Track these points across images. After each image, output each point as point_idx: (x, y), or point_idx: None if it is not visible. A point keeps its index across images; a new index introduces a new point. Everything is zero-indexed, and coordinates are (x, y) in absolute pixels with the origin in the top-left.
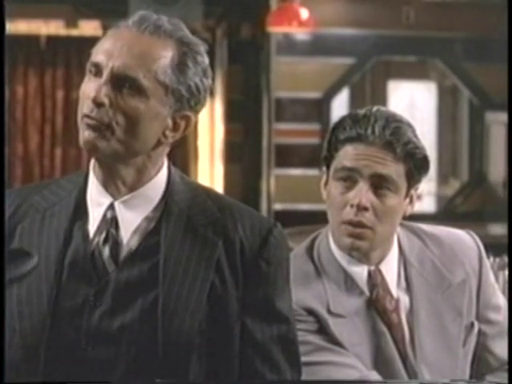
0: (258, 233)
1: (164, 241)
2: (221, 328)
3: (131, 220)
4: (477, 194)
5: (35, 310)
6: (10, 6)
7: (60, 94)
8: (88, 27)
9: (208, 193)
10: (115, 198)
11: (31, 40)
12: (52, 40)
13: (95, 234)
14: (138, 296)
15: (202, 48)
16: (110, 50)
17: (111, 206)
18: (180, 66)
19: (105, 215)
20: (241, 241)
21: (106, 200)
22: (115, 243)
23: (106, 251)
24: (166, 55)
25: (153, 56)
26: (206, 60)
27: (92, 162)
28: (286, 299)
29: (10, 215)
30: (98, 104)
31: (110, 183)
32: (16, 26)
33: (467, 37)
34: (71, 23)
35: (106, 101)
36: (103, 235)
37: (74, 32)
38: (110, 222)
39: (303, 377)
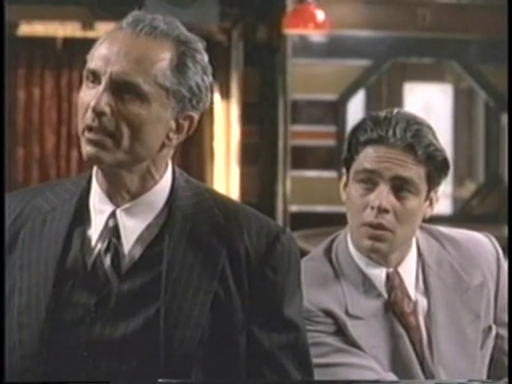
0: (264, 240)
1: (167, 250)
2: (224, 339)
3: (133, 228)
4: (493, 195)
5: (33, 320)
6: (27, 8)
7: (76, 96)
8: (104, 29)
9: (215, 198)
10: (118, 206)
11: (48, 42)
12: (68, 42)
13: (97, 243)
14: (141, 307)
15: (200, 45)
16: (106, 55)
17: (113, 214)
18: (179, 67)
19: (106, 223)
20: (246, 249)
21: (108, 208)
22: (117, 253)
23: (108, 261)
24: (165, 57)
25: (151, 59)
26: (206, 57)
27: (95, 168)
28: (296, 306)
29: (14, 218)
30: (98, 113)
31: (113, 191)
32: (33, 28)
33: (483, 38)
34: (87, 25)
35: (107, 109)
36: (105, 244)
37: (91, 34)
38: (112, 231)
39: (320, 378)
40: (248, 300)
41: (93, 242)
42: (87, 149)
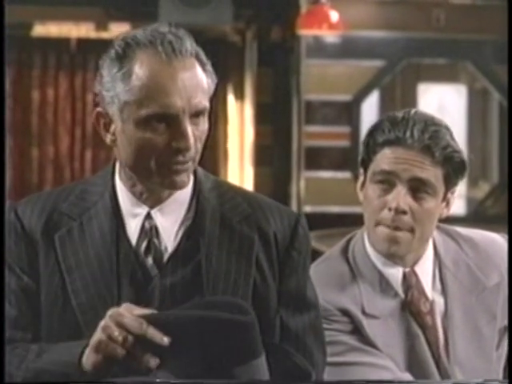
0: (287, 224)
1: (202, 241)
2: (264, 323)
3: (169, 226)
4: (507, 196)
5: (101, 317)
6: (41, 8)
7: (90, 97)
8: (118, 30)
9: (234, 189)
10: (151, 207)
11: (62, 43)
12: (82, 43)
13: (137, 244)
14: (184, 298)
15: None
16: (165, 91)
17: (148, 216)
18: (208, 73)
19: (143, 225)
20: (274, 234)
21: (142, 210)
22: (157, 251)
23: (150, 260)
24: (202, 73)
25: (201, 80)
26: None
27: (118, 167)
28: (312, 285)
29: (42, 225)
30: (188, 146)
31: (148, 194)
32: (47, 29)
33: (497, 39)
34: (101, 26)
35: (191, 138)
36: (144, 245)
37: (105, 35)
38: (150, 232)
39: (336, 377)
40: (278, 283)
41: (133, 244)
42: (178, 178)
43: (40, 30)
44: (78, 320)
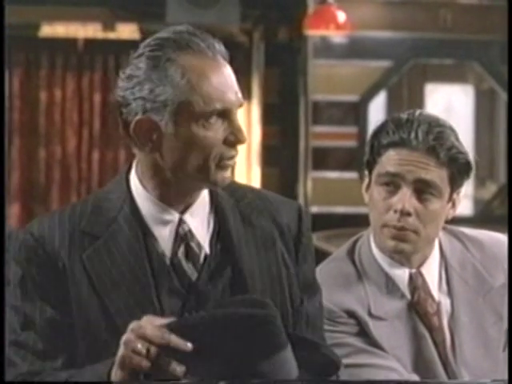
0: (293, 213)
1: (231, 240)
2: (293, 313)
3: (201, 229)
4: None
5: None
6: (48, 9)
7: (97, 97)
8: (125, 30)
9: (242, 186)
10: (181, 212)
11: (69, 43)
12: (89, 43)
13: (173, 251)
14: (225, 299)
15: None
16: (220, 87)
17: (181, 221)
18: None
19: (177, 231)
20: (287, 225)
21: (172, 217)
22: (196, 255)
23: (190, 265)
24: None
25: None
26: None
27: (138, 176)
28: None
29: (67, 247)
30: (245, 138)
31: (178, 198)
32: (54, 29)
33: (504, 39)
34: (109, 26)
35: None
36: (182, 249)
37: (112, 35)
38: (185, 236)
39: (342, 378)
40: (297, 271)
41: (167, 251)
42: (226, 174)
43: (47, 30)
44: (106, 326)
